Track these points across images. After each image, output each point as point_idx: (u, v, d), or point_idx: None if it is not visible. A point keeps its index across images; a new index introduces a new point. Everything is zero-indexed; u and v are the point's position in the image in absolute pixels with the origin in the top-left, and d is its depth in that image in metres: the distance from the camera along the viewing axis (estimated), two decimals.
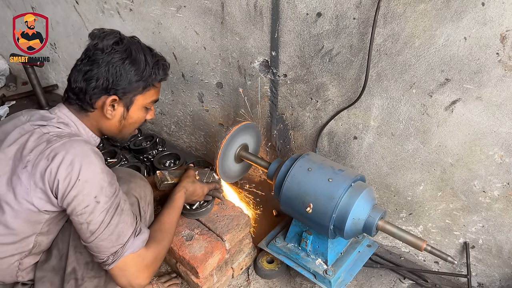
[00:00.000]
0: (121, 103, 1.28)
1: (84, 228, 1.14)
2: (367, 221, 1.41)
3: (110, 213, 1.16)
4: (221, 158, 1.71)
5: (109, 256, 1.18)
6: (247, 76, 1.92)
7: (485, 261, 1.62)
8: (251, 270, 1.87)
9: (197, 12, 1.91)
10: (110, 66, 1.21)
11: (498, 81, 1.25)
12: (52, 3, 2.77)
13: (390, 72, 1.45)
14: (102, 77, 1.22)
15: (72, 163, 1.11)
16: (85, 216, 1.12)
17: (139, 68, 1.25)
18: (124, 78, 1.23)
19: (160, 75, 1.32)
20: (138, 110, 1.34)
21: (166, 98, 2.49)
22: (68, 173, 1.10)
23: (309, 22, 1.55)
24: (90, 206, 1.12)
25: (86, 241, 1.17)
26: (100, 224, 1.14)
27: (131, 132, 1.41)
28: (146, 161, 2.41)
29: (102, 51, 1.22)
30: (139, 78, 1.26)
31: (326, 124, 1.75)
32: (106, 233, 1.15)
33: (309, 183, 1.48)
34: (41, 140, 1.16)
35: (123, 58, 1.23)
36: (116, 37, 1.24)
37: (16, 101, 3.46)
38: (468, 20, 1.21)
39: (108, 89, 1.23)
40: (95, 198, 1.12)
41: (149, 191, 1.45)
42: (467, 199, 1.52)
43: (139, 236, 1.24)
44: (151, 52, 1.32)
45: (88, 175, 1.12)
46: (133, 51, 1.25)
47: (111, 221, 1.15)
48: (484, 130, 1.35)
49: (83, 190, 1.11)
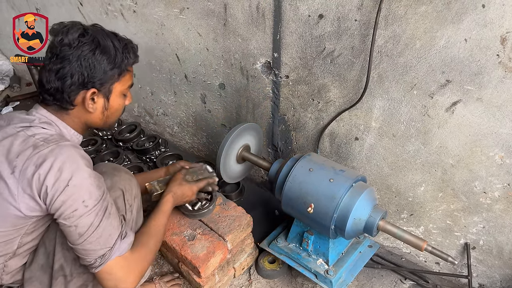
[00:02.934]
0: (101, 95, 1.26)
1: (73, 231, 1.13)
2: (368, 221, 1.42)
3: (99, 216, 1.15)
4: (223, 159, 1.72)
5: (97, 259, 1.17)
6: (249, 77, 1.93)
7: (485, 262, 1.62)
8: (253, 270, 1.88)
9: (200, 14, 1.93)
10: (81, 60, 1.18)
11: (499, 83, 1.25)
12: (56, 4, 2.79)
13: (391, 73, 1.46)
14: (76, 72, 1.18)
15: (60, 169, 1.09)
16: (73, 219, 1.11)
17: (111, 56, 1.23)
18: (98, 69, 1.21)
19: (131, 58, 1.30)
20: (117, 98, 1.32)
21: (168, 99, 2.51)
22: (57, 179, 1.09)
23: (311, 24, 1.56)
24: (78, 210, 1.11)
25: (73, 244, 1.16)
26: (89, 227, 1.13)
27: (115, 120, 1.40)
28: (149, 161, 2.43)
29: (69, 46, 1.18)
30: (113, 65, 1.24)
31: (328, 125, 1.76)
32: (95, 236, 1.15)
33: (311, 184, 1.49)
34: (27, 144, 1.14)
35: (93, 49, 1.19)
36: (80, 29, 1.20)
37: (20, 101, 3.49)
38: (468, 22, 1.22)
39: (85, 83, 1.21)
40: (83, 202, 1.11)
41: (134, 184, 1.43)
42: (468, 200, 1.52)
43: (125, 239, 1.24)
44: (117, 37, 1.28)
45: (77, 181, 1.11)
46: (101, 39, 1.22)
47: (99, 224, 1.15)
48: (484, 131, 1.36)
49: (72, 195, 1.10)
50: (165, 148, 2.55)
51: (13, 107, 3.39)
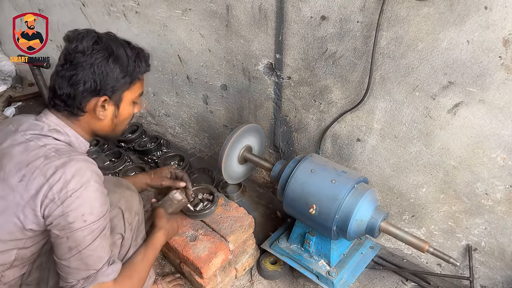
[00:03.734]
0: (111, 102, 1.26)
1: (63, 243, 1.10)
2: (370, 222, 1.42)
3: (94, 235, 1.12)
4: (225, 160, 1.72)
5: (80, 281, 1.13)
6: (251, 79, 1.94)
7: (487, 263, 1.62)
8: (254, 271, 1.88)
9: (203, 15, 1.93)
10: (95, 67, 1.19)
11: (501, 84, 1.25)
12: (59, 5, 2.80)
13: (393, 75, 1.46)
14: (89, 79, 1.19)
15: (68, 181, 1.08)
16: (67, 231, 1.09)
17: (123, 64, 1.23)
18: (110, 77, 1.21)
19: (143, 67, 1.30)
20: (127, 106, 1.32)
21: (171, 99, 2.51)
22: (62, 189, 1.07)
23: (314, 25, 1.56)
24: (75, 223, 1.09)
25: (60, 258, 1.12)
26: (80, 243, 1.10)
27: (123, 128, 1.39)
28: (151, 162, 2.43)
29: (83, 53, 1.18)
30: (125, 73, 1.24)
31: (330, 126, 1.76)
32: (84, 253, 1.11)
33: (313, 185, 1.49)
34: (38, 154, 1.13)
35: (106, 57, 1.20)
36: (94, 37, 1.21)
37: (22, 102, 3.50)
38: (471, 24, 1.22)
39: (97, 90, 1.21)
40: (82, 216, 1.09)
41: (136, 201, 1.41)
42: (470, 201, 1.52)
43: (112, 265, 1.20)
44: (130, 45, 1.29)
45: (81, 193, 1.09)
46: (114, 47, 1.22)
47: (92, 242, 1.12)
48: (487, 132, 1.36)
49: (73, 207, 1.08)
50: (167, 149, 2.55)
51: (15, 107, 3.40)
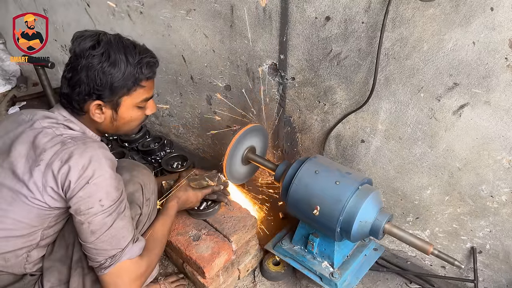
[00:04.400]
0: (108, 106, 1.27)
1: (85, 228, 1.16)
2: (374, 224, 1.41)
3: (113, 217, 1.18)
4: (228, 160, 1.72)
5: (107, 259, 1.19)
6: (255, 79, 1.93)
7: (492, 266, 1.61)
8: (257, 272, 1.87)
9: (207, 15, 1.93)
10: (89, 72, 1.19)
11: (507, 86, 1.25)
12: (64, 5, 2.81)
13: (398, 76, 1.46)
14: (82, 83, 1.21)
15: (84, 167, 1.14)
16: (87, 216, 1.15)
17: (120, 70, 1.21)
18: (104, 82, 1.21)
19: (144, 74, 1.27)
20: (128, 110, 1.31)
21: (174, 100, 2.51)
22: (80, 176, 1.14)
23: (318, 26, 1.56)
24: (94, 208, 1.15)
25: (85, 241, 1.18)
26: (102, 226, 1.16)
27: (131, 128, 1.40)
28: (154, 162, 2.43)
29: (80, 56, 1.20)
30: (121, 80, 1.23)
31: (334, 127, 1.75)
32: (107, 235, 1.17)
33: (316, 186, 1.49)
34: (55, 141, 1.19)
35: (101, 61, 1.20)
36: (93, 40, 1.20)
37: (26, 101, 3.51)
38: (476, 25, 1.22)
39: (91, 94, 1.22)
40: (100, 201, 1.15)
41: (152, 180, 1.48)
42: (475, 203, 1.51)
43: (137, 243, 1.26)
44: (135, 49, 1.26)
45: (97, 180, 1.15)
46: (112, 52, 1.21)
47: (113, 224, 1.18)
48: (492, 134, 1.35)
49: (90, 193, 1.15)
50: (170, 149, 2.55)
51: (19, 107, 3.42)
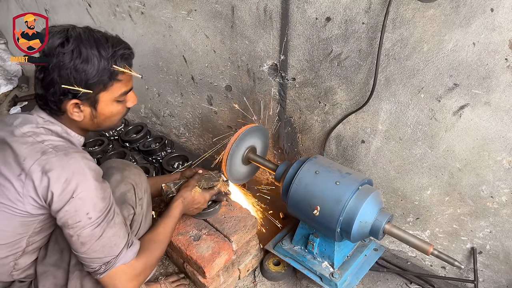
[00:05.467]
0: (86, 104, 1.21)
1: (75, 240, 1.15)
2: (374, 224, 1.42)
3: (102, 227, 1.16)
4: (229, 160, 1.72)
5: (101, 266, 1.20)
6: (256, 80, 1.94)
7: (492, 267, 1.61)
8: (258, 272, 1.88)
9: (208, 16, 1.94)
10: (61, 71, 1.13)
11: (507, 87, 1.25)
12: (65, 6, 2.82)
13: (398, 76, 1.46)
14: (56, 83, 1.15)
15: (67, 181, 1.10)
16: (76, 229, 1.13)
17: (94, 66, 1.15)
18: (78, 80, 1.15)
19: (120, 67, 1.21)
20: (108, 106, 1.25)
21: (175, 100, 2.52)
22: (63, 190, 1.10)
23: (318, 27, 1.56)
24: (82, 221, 1.13)
25: (77, 251, 1.18)
26: (91, 237, 1.15)
27: (114, 123, 1.33)
28: (155, 162, 2.44)
29: (49, 55, 1.14)
30: (96, 75, 1.17)
31: (334, 128, 1.76)
32: (98, 245, 1.17)
33: (317, 186, 1.49)
34: (35, 149, 1.13)
35: (73, 58, 1.13)
36: (62, 37, 1.14)
37: (28, 101, 3.52)
38: (477, 26, 1.22)
39: (66, 93, 1.16)
40: (87, 214, 1.13)
41: (144, 179, 1.45)
42: (475, 204, 1.52)
43: (131, 247, 1.26)
44: (107, 42, 1.19)
45: (82, 193, 1.11)
46: (83, 48, 1.14)
47: (102, 234, 1.16)
48: (492, 135, 1.35)
49: (76, 207, 1.12)
50: (171, 149, 2.56)
51: (21, 107, 3.43)
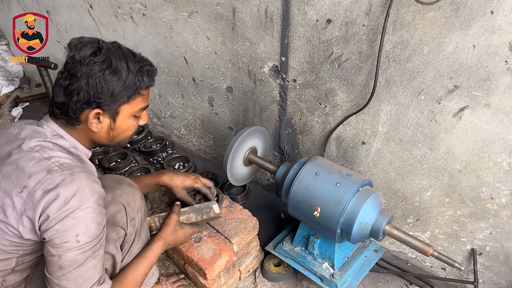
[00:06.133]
0: (106, 115, 1.22)
1: (55, 261, 1.09)
2: (374, 225, 1.42)
3: (86, 255, 1.12)
4: (230, 162, 1.73)
5: None
6: (256, 81, 1.94)
7: (492, 268, 1.61)
8: (258, 272, 1.88)
9: (209, 17, 1.94)
10: (89, 79, 1.14)
11: (507, 89, 1.25)
12: (67, 7, 2.83)
13: (398, 78, 1.47)
14: (82, 90, 1.15)
15: (66, 200, 1.07)
16: (60, 250, 1.08)
17: (121, 78, 1.18)
18: (105, 90, 1.16)
19: (145, 83, 1.24)
20: (125, 120, 1.26)
21: (176, 101, 2.52)
22: (60, 208, 1.07)
23: (319, 29, 1.57)
24: (69, 243, 1.08)
25: (50, 274, 1.11)
26: (72, 263, 1.10)
27: (124, 139, 1.34)
28: (156, 163, 2.45)
29: (80, 63, 1.14)
30: (123, 87, 1.19)
31: (335, 129, 1.76)
32: (75, 273, 1.11)
33: (317, 187, 1.50)
34: (41, 166, 1.11)
35: (103, 69, 1.15)
36: (94, 47, 1.16)
37: (29, 102, 3.53)
38: (477, 28, 1.22)
39: (90, 102, 1.17)
40: (76, 236, 1.08)
41: (138, 197, 1.40)
42: (475, 205, 1.52)
43: (102, 285, 1.19)
44: (135, 57, 1.23)
45: (78, 214, 1.08)
46: (113, 60, 1.17)
47: (84, 262, 1.11)
48: (492, 137, 1.36)
49: (68, 226, 1.08)
50: (172, 150, 2.56)
51: (22, 108, 3.43)
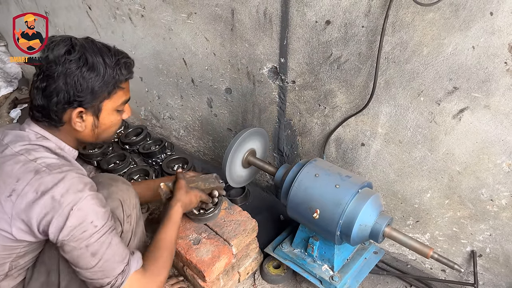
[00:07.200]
0: (89, 113, 1.20)
1: (84, 253, 1.09)
2: (373, 227, 1.42)
3: (109, 235, 1.13)
4: (229, 163, 1.72)
5: (117, 277, 1.14)
6: (255, 82, 1.94)
7: (492, 270, 1.61)
8: (257, 275, 1.87)
9: (208, 18, 1.94)
10: (67, 78, 1.12)
11: (506, 90, 1.25)
12: (65, 8, 2.82)
13: (398, 79, 1.46)
14: (61, 91, 1.13)
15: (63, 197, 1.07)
16: (84, 241, 1.09)
17: (99, 74, 1.16)
18: (85, 88, 1.14)
19: (123, 75, 1.22)
20: (109, 115, 1.25)
21: (175, 103, 2.52)
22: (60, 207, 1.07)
23: (318, 30, 1.57)
24: (88, 230, 1.09)
25: (88, 267, 1.11)
26: (101, 245, 1.11)
27: (109, 135, 1.33)
28: (155, 165, 2.44)
29: (55, 63, 1.12)
30: (101, 83, 1.17)
31: (334, 131, 1.76)
32: (109, 252, 1.12)
33: (316, 189, 1.49)
34: (28, 168, 1.10)
35: (80, 66, 1.13)
36: (67, 45, 1.14)
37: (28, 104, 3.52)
38: (476, 30, 1.22)
39: (71, 101, 1.15)
40: (92, 223, 1.09)
41: (132, 194, 1.39)
42: (475, 207, 1.51)
43: (134, 255, 1.22)
44: (110, 51, 1.20)
45: (81, 204, 1.08)
46: (89, 56, 1.15)
47: (111, 241, 1.13)
48: (492, 138, 1.35)
49: (79, 218, 1.08)
50: (171, 152, 2.56)
51: (21, 109, 3.43)
